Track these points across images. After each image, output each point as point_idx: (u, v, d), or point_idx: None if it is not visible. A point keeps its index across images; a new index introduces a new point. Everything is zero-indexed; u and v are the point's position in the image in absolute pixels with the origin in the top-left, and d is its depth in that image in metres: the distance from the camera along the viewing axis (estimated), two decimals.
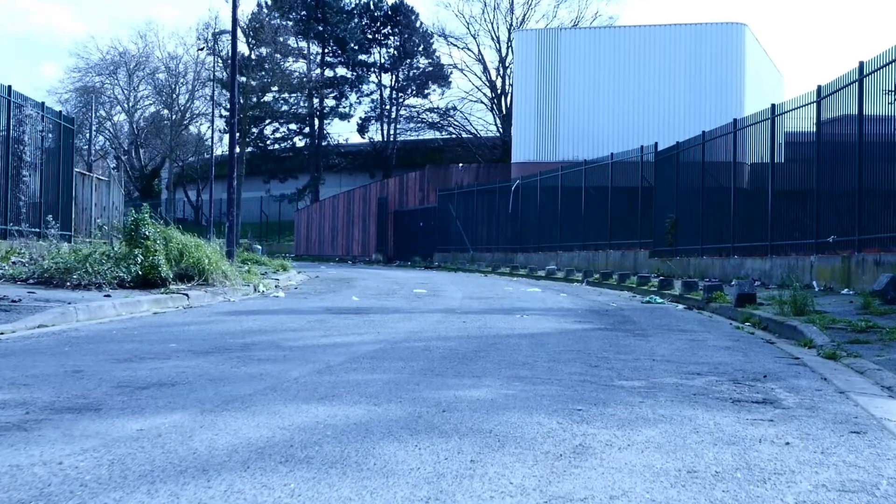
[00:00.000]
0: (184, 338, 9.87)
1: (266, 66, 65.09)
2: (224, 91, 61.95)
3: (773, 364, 8.68)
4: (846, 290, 17.20)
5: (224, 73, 63.31)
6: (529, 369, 7.83)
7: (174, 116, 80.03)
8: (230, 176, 23.48)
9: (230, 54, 24.07)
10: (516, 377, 7.33)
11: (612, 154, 34.19)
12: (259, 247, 39.90)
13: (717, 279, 24.09)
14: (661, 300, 18.60)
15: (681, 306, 17.37)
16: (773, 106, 22.09)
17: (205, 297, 16.12)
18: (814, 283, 18.92)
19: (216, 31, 51.23)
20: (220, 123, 69.67)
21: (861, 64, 17.57)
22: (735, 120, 24.64)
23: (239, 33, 61.86)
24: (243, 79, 63.45)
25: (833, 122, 19.29)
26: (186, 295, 15.50)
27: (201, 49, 58.44)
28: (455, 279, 29.40)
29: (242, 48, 65.73)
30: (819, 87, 19.70)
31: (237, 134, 24.80)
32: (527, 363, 8.23)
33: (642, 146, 32.02)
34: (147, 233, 16.22)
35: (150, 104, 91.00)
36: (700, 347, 9.97)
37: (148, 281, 15.96)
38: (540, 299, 18.42)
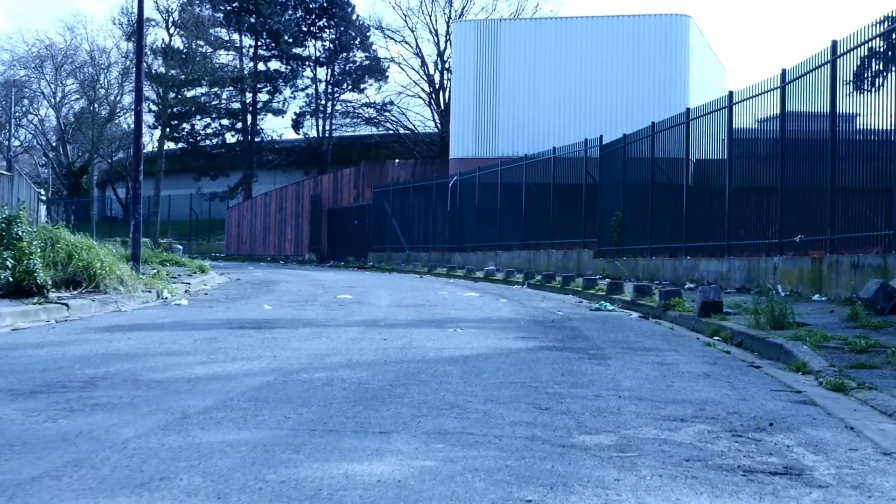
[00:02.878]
0: (20, 367, 7.73)
1: (186, 56, 61.81)
2: (152, 84, 58.98)
3: (773, 402, 6.76)
4: (818, 295, 15.42)
5: (154, 64, 60.35)
6: (459, 416, 5.83)
7: (97, 109, 76.64)
8: (135, 170, 21.18)
9: (141, 40, 21.78)
10: (440, 433, 5.32)
11: (554, 148, 32.33)
12: (180, 247, 37.51)
13: (668, 281, 22.35)
14: (611, 307, 16.69)
15: (635, 314, 15.47)
16: (730, 93, 20.31)
17: (91, 308, 13.93)
18: (778, 286, 17.12)
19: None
20: (149, 118, 66.84)
21: (834, 43, 15.79)
22: (688, 109, 22.85)
23: (160, 19, 59.22)
24: (162, 69, 60.36)
25: (800, 110, 17.53)
26: (66, 305, 13.30)
27: (127, 39, 55.27)
28: (387, 281, 27.34)
29: (165, 36, 62.84)
30: (784, 71, 17.93)
31: (142, 124, 22.65)
32: (456, 406, 6.22)
33: (586, 139, 30.18)
34: (20, 233, 13.95)
35: (78, 99, 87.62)
36: (673, 375, 8.04)
37: (23, 289, 13.70)
38: (477, 307, 16.43)
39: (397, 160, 56.09)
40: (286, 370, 7.73)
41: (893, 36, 14.43)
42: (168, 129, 70.69)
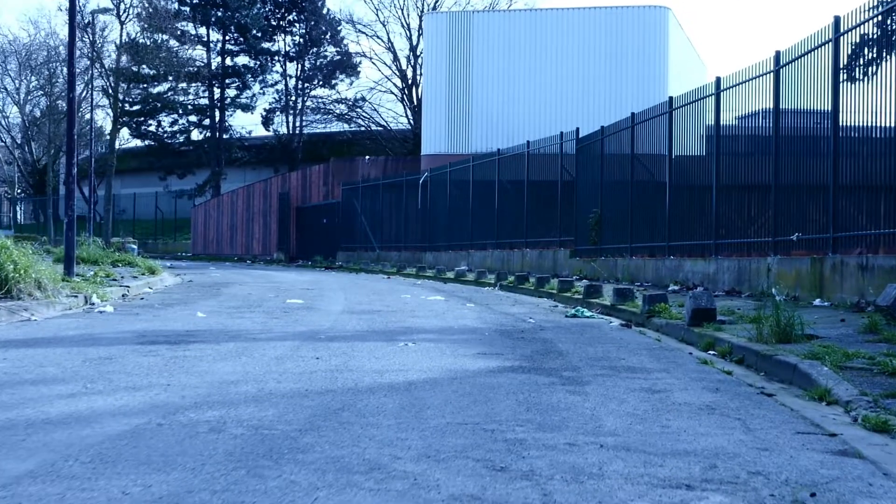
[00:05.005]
0: None
1: (141, 47, 59.26)
2: (103, 76, 56.59)
3: (806, 453, 5.08)
4: (819, 300, 13.80)
5: (106, 53, 57.97)
6: (377, 487, 4.13)
7: (57, 105, 74.25)
8: (68, 163, 19.30)
9: (73, 19, 19.92)
10: None
11: (528, 142, 30.66)
12: (134, 246, 35.59)
13: (649, 283, 20.76)
14: (589, 313, 15.00)
15: (615, 322, 13.80)
16: (718, 79, 18.66)
17: None
18: (773, 290, 15.50)
19: (94, 9, 46.16)
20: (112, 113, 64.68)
21: (836, 19, 14.14)
22: (671, 98, 21.17)
23: (112, 8, 56.64)
24: (113, 58, 57.90)
25: (796, 96, 15.89)
26: None
27: (86, 27, 52.66)
28: (350, 283, 25.58)
29: (128, 28, 60.51)
30: (778, 53, 16.30)
31: (75, 113, 21.11)
32: (378, 466, 4.52)
33: (562, 132, 28.53)
34: None
35: (41, 95, 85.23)
36: (668, 408, 6.35)
37: None
38: (440, 313, 14.70)
39: (368, 157, 54.33)
40: (172, 406, 6.00)
41: None
42: (133, 126, 68.71)
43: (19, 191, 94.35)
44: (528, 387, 7.14)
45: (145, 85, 63.70)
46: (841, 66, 14.14)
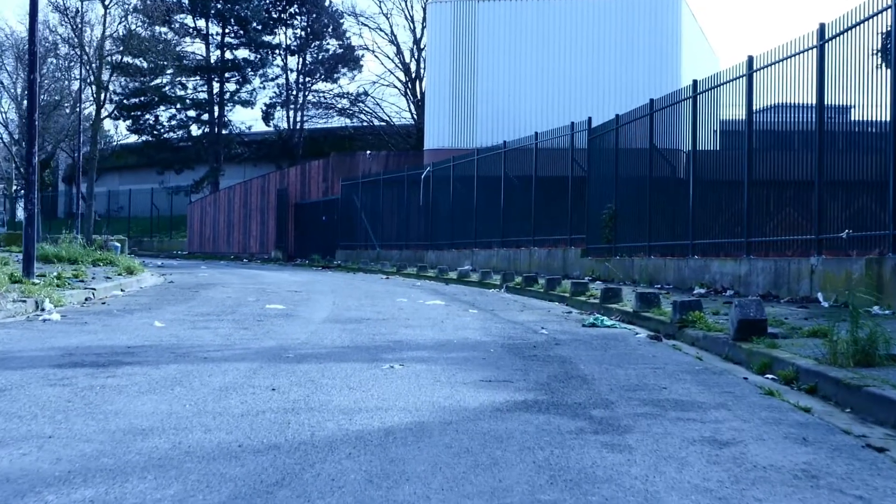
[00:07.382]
0: None
1: (131, 37, 57.03)
2: (101, 66, 54.61)
3: None
4: (877, 307, 11.84)
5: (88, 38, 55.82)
6: None
7: (50, 99, 72.30)
8: (28, 152, 17.44)
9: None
10: None
11: (536, 133, 28.75)
12: (117, 245, 33.72)
13: (671, 285, 18.86)
14: (609, 322, 13.05)
15: (642, 333, 11.85)
16: (750, 59, 16.71)
17: None
18: (818, 294, 13.63)
19: None
20: (108, 107, 62.92)
21: None
22: (695, 81, 19.19)
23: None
24: (95, 43, 55.78)
25: (843, 76, 13.95)
26: None
27: (55, 9, 50.38)
28: (343, 284, 23.64)
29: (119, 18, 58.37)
30: (822, 26, 14.36)
31: (37, 97, 19.27)
32: None
33: (573, 122, 26.60)
34: None
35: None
36: (750, 476, 4.43)
37: None
38: (438, 321, 12.77)
39: (369, 152, 52.42)
40: (30, 479, 4.08)
41: None
42: (125, 115, 66.96)
43: (16, 187, 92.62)
44: (548, 437, 5.22)
45: (141, 77, 61.61)
46: None
